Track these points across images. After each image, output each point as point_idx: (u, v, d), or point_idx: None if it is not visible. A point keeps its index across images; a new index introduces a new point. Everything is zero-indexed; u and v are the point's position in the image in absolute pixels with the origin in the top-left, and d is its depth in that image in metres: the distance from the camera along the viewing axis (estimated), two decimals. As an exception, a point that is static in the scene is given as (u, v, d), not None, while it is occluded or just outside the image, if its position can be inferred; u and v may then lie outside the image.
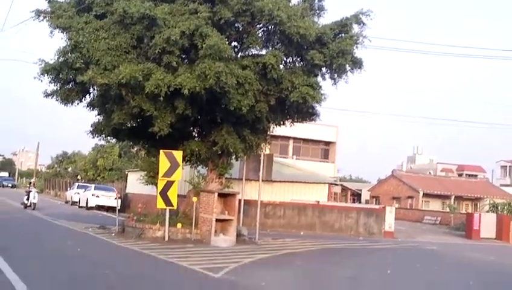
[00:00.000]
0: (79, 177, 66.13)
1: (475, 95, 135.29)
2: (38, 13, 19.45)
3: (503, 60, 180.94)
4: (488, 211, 40.74)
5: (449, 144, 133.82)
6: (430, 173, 73.54)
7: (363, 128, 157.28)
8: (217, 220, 19.58)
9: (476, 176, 74.21)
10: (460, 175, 74.96)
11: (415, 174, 67.87)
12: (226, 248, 18.48)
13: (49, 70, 19.42)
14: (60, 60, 19.28)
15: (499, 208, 40.45)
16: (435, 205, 57.96)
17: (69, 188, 50.62)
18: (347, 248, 22.38)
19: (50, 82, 20.03)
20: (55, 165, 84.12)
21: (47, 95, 20.54)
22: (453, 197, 57.79)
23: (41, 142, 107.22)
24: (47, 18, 19.29)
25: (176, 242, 18.93)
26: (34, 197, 33.55)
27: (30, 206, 33.23)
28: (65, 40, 19.11)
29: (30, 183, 37.78)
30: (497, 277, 17.35)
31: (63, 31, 19.07)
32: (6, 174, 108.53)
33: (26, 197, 34.23)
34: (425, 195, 58.11)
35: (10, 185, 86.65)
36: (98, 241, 19.21)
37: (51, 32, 19.33)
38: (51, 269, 12.60)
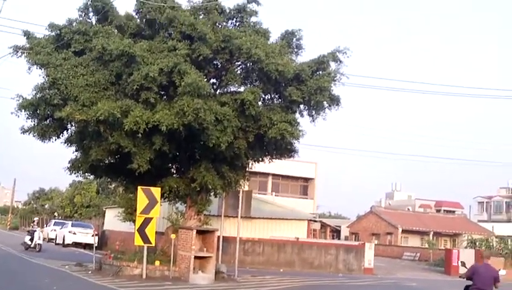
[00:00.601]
0: (56, 214, 65.33)
1: (452, 132, 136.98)
2: (17, 49, 19.44)
3: (481, 98, 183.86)
4: (466, 247, 40.91)
5: (427, 180, 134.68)
6: (408, 209, 73.71)
7: (342, 164, 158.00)
8: (195, 257, 19.40)
9: (453, 212, 74.59)
10: (438, 211, 75.23)
11: (393, 210, 68.07)
12: (204, 286, 18.30)
13: (26, 106, 19.34)
14: (37, 96, 19.27)
15: (477, 243, 40.66)
16: (414, 241, 58.05)
17: (45, 225, 49.90)
18: (326, 285, 22.28)
19: (27, 118, 19.94)
20: (32, 202, 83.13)
21: (24, 131, 20.42)
22: (431, 233, 57.95)
23: (18, 178, 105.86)
24: (25, 54, 19.26)
25: (154, 280, 18.70)
26: (39, 237, 30.30)
27: (35, 247, 29.74)
28: (43, 77, 19.11)
29: (33, 221, 33.94)
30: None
31: (41, 67, 19.05)
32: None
33: (29, 237, 30.64)
34: (404, 231, 58.22)
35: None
36: (74, 279, 18.90)
37: (29, 68, 19.29)
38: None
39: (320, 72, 19.69)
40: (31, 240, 30.14)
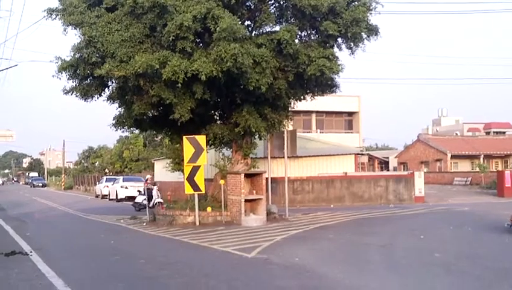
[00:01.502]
0: (106, 170, 66.85)
1: (495, 51, 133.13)
2: (50, 12, 19.52)
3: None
4: (518, 167, 40.30)
5: (474, 103, 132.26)
6: (456, 134, 72.76)
7: (386, 96, 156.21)
8: (246, 200, 19.66)
9: (504, 132, 73.28)
10: (487, 133, 74.07)
11: (441, 136, 67.27)
12: (257, 227, 18.57)
13: (66, 67, 19.56)
14: (75, 57, 19.43)
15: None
16: (464, 166, 57.48)
17: (97, 183, 51.19)
18: (378, 217, 22.31)
19: (68, 79, 20.20)
20: (82, 161, 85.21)
21: (66, 92, 20.72)
22: (482, 157, 57.23)
23: (66, 140, 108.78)
24: (59, 16, 19.34)
25: (207, 226, 19.06)
26: (158, 195, 27.37)
27: (153, 207, 25.33)
28: (79, 36, 19.17)
29: (147, 180, 31.16)
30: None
31: (76, 27, 19.12)
32: (36, 174, 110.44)
33: (142, 197, 27.50)
34: (454, 157, 57.62)
35: (41, 184, 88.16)
36: (130, 232, 19.41)
37: (64, 30, 19.37)
38: (85, 263, 12.77)
39: (355, 3, 19.15)
40: (149, 199, 26.21)
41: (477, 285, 9.65)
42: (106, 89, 21.34)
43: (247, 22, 20.21)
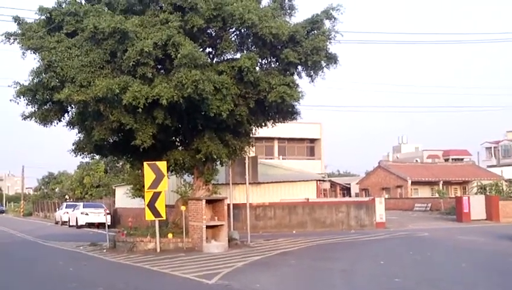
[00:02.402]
0: (67, 197, 65.83)
1: (454, 80, 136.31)
2: (8, 36, 19.30)
3: (480, 44, 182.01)
4: (476, 193, 41.09)
5: (433, 130, 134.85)
6: (416, 160, 73.91)
7: (347, 123, 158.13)
8: (207, 227, 19.55)
9: (462, 159, 74.74)
10: (446, 160, 75.39)
11: (401, 163, 68.25)
12: (218, 254, 18.46)
13: (24, 92, 19.33)
14: (35, 81, 19.22)
15: (487, 189, 40.82)
16: (424, 192, 58.29)
17: (57, 209, 50.32)
18: (340, 243, 22.43)
19: (27, 104, 19.94)
20: (42, 187, 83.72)
21: (25, 117, 20.42)
22: (441, 183, 58.14)
23: (26, 166, 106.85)
24: (18, 40, 19.15)
25: (168, 252, 18.88)
26: None
27: None
28: (38, 61, 19.01)
29: None
30: (489, 257, 17.47)
31: (35, 51, 18.94)
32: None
33: None
34: (414, 183, 58.42)
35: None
36: (90, 259, 19.07)
37: (23, 53, 19.20)
38: (43, 291, 12.51)
39: (315, 32, 19.50)
40: None
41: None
42: (66, 114, 21.09)
43: (208, 49, 20.34)
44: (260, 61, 19.82)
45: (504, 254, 18.13)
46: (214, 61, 19.83)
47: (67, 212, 43.23)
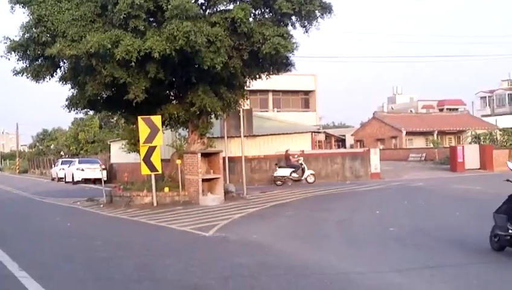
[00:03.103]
0: (62, 153, 65.86)
1: (449, 30, 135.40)
2: (-4, -10, 18.99)
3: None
4: (470, 143, 41.17)
5: (428, 81, 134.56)
6: (411, 111, 73.85)
7: (341, 74, 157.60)
8: (203, 180, 19.63)
9: (456, 109, 74.69)
10: (441, 110, 75.39)
11: (396, 114, 68.24)
12: (215, 207, 18.57)
13: (15, 47, 19.10)
14: (25, 36, 18.97)
15: (481, 138, 40.90)
16: (419, 142, 58.49)
17: (53, 165, 50.38)
18: (335, 193, 22.56)
19: (18, 60, 19.73)
20: (37, 144, 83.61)
21: (16, 73, 20.21)
22: (435, 133, 58.28)
23: (20, 123, 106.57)
24: (6, -7, 18.83)
25: (165, 206, 18.99)
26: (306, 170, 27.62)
27: (298, 180, 27.18)
28: (27, 15, 18.71)
29: (287, 150, 29.02)
30: (483, 205, 17.61)
31: (24, 5, 18.64)
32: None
33: (290, 170, 27.43)
34: (408, 133, 58.56)
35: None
36: (87, 214, 19.23)
37: (12, 8, 18.89)
38: (41, 246, 12.58)
39: (309, -19, 19.18)
40: (297, 172, 27.45)
41: (430, 255, 9.85)
42: (58, 70, 20.89)
43: (201, 1, 20.03)
44: (253, 12, 19.54)
45: (498, 203, 18.27)
46: (207, 13, 19.52)
47: (63, 169, 43.32)
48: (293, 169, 27.47)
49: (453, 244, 11.02)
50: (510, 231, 9.30)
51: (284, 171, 27.58)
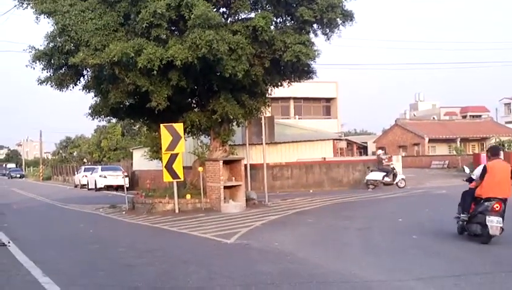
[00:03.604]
0: (85, 160, 66.53)
1: (472, 36, 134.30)
2: (22, 1, 19.26)
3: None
4: (494, 150, 40.67)
5: (451, 87, 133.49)
6: (434, 118, 73.36)
7: (363, 81, 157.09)
8: (225, 187, 19.69)
9: (480, 116, 73.99)
10: (464, 117, 74.75)
11: (418, 120, 67.81)
12: (236, 214, 18.61)
13: (40, 56, 19.34)
14: (49, 45, 19.22)
15: (505, 145, 40.46)
16: (442, 150, 58.03)
17: (76, 172, 50.88)
18: (357, 201, 22.47)
19: (43, 69, 19.97)
20: (60, 151, 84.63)
21: (41, 82, 20.44)
22: (458, 140, 57.79)
23: (44, 130, 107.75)
24: (31, 5, 19.09)
25: (187, 213, 19.07)
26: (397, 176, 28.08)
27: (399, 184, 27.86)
28: (52, 25, 18.96)
29: (379, 155, 30.07)
30: (508, 213, 17.39)
31: (49, 15, 18.88)
32: (13, 165, 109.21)
33: (382, 174, 27.84)
34: (431, 140, 58.14)
35: (19, 175, 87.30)
36: (109, 221, 19.37)
37: (37, 18, 19.16)
38: (64, 252, 12.71)
39: (330, -12, 19.18)
40: (389, 176, 27.90)
41: (454, 264, 9.78)
42: (81, 78, 21.14)
43: (222, 9, 20.14)
44: (275, 19, 19.62)
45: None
46: (228, 21, 19.64)
47: (86, 176, 43.75)
48: (385, 173, 27.68)
49: (478, 252, 10.92)
50: (461, 218, 12.53)
51: (377, 175, 27.81)
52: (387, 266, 9.93)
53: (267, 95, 22.56)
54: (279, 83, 22.10)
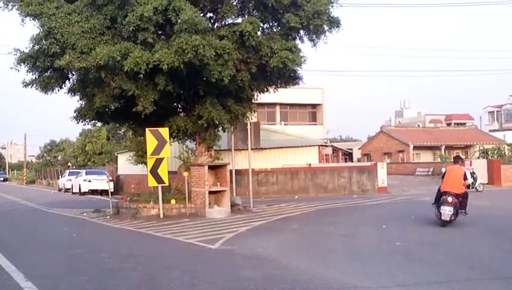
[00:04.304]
0: (69, 164, 66.12)
1: (457, 44, 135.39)
2: (7, 2, 19.13)
3: (482, 5, 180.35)
4: (478, 158, 41.08)
5: (436, 95, 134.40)
6: (418, 125, 73.72)
7: (349, 87, 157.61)
8: (210, 192, 19.64)
9: (464, 124, 74.48)
10: (448, 125, 75.24)
11: (403, 128, 68.09)
12: (221, 219, 18.57)
13: (25, 59, 19.21)
14: (35, 48, 19.09)
15: (489, 153, 40.80)
16: (426, 157, 58.30)
17: (60, 176, 50.58)
18: (342, 207, 22.52)
19: (27, 71, 19.82)
20: (45, 155, 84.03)
21: (26, 84, 20.31)
22: (443, 147, 58.15)
23: (28, 134, 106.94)
24: (16, 6, 18.98)
25: (172, 218, 19.00)
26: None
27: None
28: (38, 27, 18.85)
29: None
30: (493, 220, 17.54)
31: (35, 18, 18.75)
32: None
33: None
34: (416, 148, 58.42)
35: (2, 178, 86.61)
36: (93, 225, 19.27)
37: (22, 20, 19.04)
38: (47, 257, 12.62)
39: (317, -5, 19.25)
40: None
41: (437, 271, 9.82)
42: (67, 81, 21.00)
43: (209, 14, 20.17)
44: (262, 25, 19.66)
45: (508, 218, 18.27)
46: (215, 26, 19.65)
47: (70, 180, 43.51)
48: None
49: (461, 259, 10.99)
50: (436, 212, 15.80)
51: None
52: (371, 272, 9.96)
53: (253, 101, 22.58)
54: (265, 89, 22.12)
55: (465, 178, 15.87)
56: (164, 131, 19.46)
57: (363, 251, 12.39)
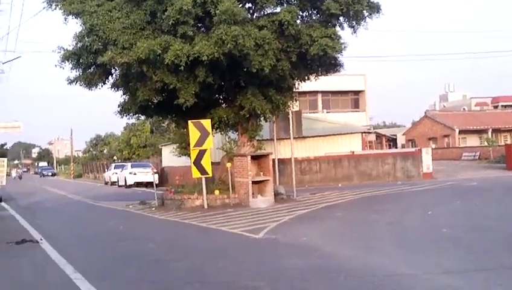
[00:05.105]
0: (115, 157, 67.14)
1: (502, 24, 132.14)
2: (50, 2, 19.53)
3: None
4: (527, 140, 40.10)
5: (481, 77, 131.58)
6: (464, 109, 72.41)
7: (392, 73, 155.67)
8: (253, 182, 19.73)
9: (512, 106, 72.83)
10: (495, 107, 73.62)
11: (448, 112, 66.97)
12: (265, 209, 18.64)
13: (68, 56, 19.61)
14: (78, 45, 19.46)
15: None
16: (473, 141, 57.19)
17: (106, 170, 51.46)
18: (386, 194, 22.32)
19: (72, 68, 20.25)
20: (91, 149, 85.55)
21: (70, 81, 20.74)
22: (490, 131, 56.93)
23: (74, 129, 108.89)
24: (59, 6, 19.35)
25: (216, 209, 19.16)
26: None
27: None
28: (80, 25, 19.21)
29: None
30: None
31: (77, 16, 19.12)
32: (45, 163, 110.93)
33: None
34: (462, 132, 57.34)
35: (50, 173, 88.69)
36: (139, 217, 19.57)
37: (65, 19, 19.44)
38: (95, 249, 12.90)
39: (356, -19, 19.05)
40: None
41: (485, 258, 9.68)
42: (110, 77, 21.37)
43: (248, 5, 20.13)
44: (301, 13, 19.58)
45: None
46: (254, 17, 19.65)
47: (116, 173, 44.20)
48: None
49: (510, 246, 10.78)
50: None
51: None
52: (417, 259, 9.86)
53: (294, 90, 22.52)
54: (306, 77, 22.04)
55: None
56: (206, 122, 19.60)
57: (408, 238, 12.27)
